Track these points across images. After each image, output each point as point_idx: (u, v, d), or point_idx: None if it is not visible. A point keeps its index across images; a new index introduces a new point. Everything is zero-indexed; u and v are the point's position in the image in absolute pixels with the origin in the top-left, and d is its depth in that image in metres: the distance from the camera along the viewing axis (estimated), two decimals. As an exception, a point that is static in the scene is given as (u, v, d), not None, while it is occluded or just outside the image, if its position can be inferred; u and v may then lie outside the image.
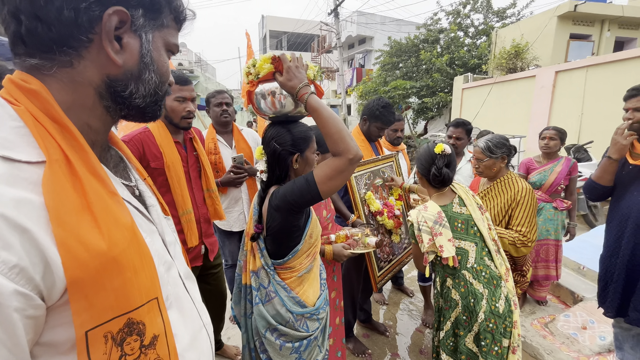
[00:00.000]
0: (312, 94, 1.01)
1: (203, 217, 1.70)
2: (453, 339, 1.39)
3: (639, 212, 1.55)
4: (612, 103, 5.00)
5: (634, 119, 1.49)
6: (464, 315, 1.35)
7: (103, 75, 0.45)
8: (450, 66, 10.29)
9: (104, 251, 0.37)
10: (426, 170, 1.48)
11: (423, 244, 1.38)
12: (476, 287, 1.35)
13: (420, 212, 1.43)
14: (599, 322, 2.40)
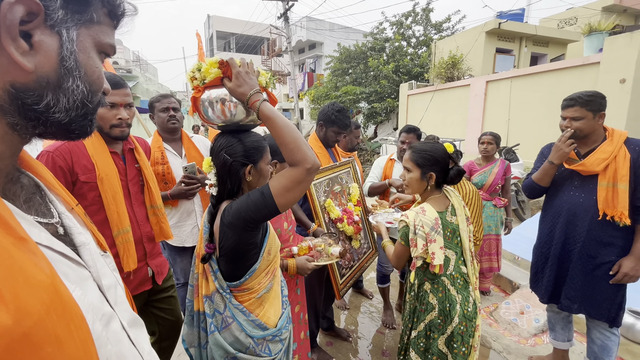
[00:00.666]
0: (264, 101, 0.95)
1: (146, 236, 1.52)
2: (424, 340, 1.42)
3: (569, 209, 1.75)
4: (532, 110, 5.70)
5: (571, 127, 1.66)
6: (439, 318, 1.39)
7: (5, 84, 0.35)
8: (396, 74, 10.89)
9: (8, 327, 0.27)
10: (443, 170, 1.45)
11: (416, 248, 1.36)
12: (452, 293, 1.40)
13: (418, 215, 1.38)
14: (534, 306, 2.67)
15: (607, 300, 1.67)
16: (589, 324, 1.82)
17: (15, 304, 0.28)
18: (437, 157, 1.44)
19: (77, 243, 0.44)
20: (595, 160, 1.61)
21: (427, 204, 1.43)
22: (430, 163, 1.44)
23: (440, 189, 1.49)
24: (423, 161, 1.45)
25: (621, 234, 1.62)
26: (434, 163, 1.44)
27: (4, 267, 0.28)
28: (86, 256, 0.44)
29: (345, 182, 2.12)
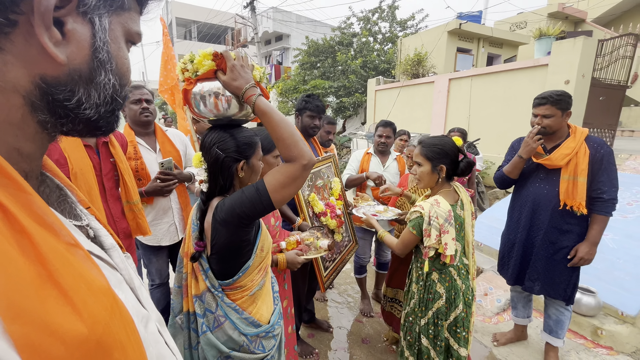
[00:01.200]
0: (260, 95, 0.94)
1: (123, 233, 1.43)
2: (433, 327, 1.50)
3: (534, 199, 1.92)
4: (490, 107, 6.12)
5: (542, 124, 1.81)
6: (445, 306, 1.47)
7: (35, 77, 0.31)
8: (363, 69, 11.07)
9: (85, 336, 0.25)
10: (453, 162, 1.50)
11: (430, 238, 1.41)
12: (458, 282, 1.49)
13: (433, 206, 1.43)
14: (496, 288, 2.91)
15: (564, 281, 1.88)
16: (547, 301, 2.03)
17: (87, 311, 0.26)
18: (447, 150, 1.50)
19: (106, 246, 0.42)
20: (560, 155, 1.78)
21: (440, 197, 1.47)
22: (440, 156, 1.49)
23: (450, 183, 1.54)
24: (433, 154, 1.50)
25: (578, 222, 1.82)
26: (444, 156, 1.49)
27: (70, 275, 0.27)
28: (116, 259, 0.41)
29: (327, 176, 2.15)
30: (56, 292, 0.25)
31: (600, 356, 2.16)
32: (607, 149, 1.74)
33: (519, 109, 5.60)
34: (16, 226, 0.25)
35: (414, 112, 8.03)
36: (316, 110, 2.06)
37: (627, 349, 2.18)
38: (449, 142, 1.52)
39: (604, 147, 1.75)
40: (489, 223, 3.82)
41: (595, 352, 2.20)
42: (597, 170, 1.73)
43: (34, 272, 0.24)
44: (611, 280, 2.58)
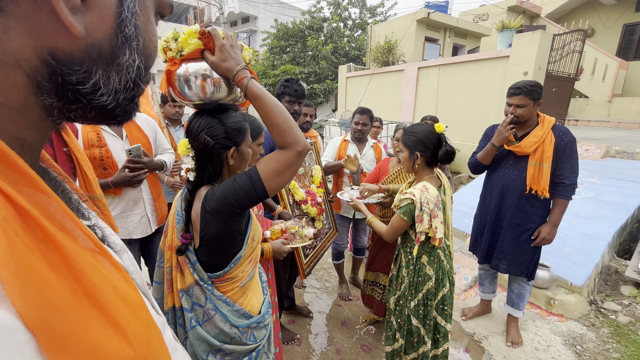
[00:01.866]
0: (252, 78, 0.89)
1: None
2: (423, 308, 1.56)
3: (503, 184, 2.05)
4: (456, 96, 6.38)
5: (515, 114, 1.90)
6: (434, 287, 1.54)
7: (43, 51, 0.25)
8: (334, 55, 10.98)
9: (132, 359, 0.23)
10: (432, 151, 1.51)
11: (422, 224, 1.45)
12: (444, 263, 1.56)
13: (423, 193, 1.46)
14: (463, 267, 3.12)
15: (527, 260, 2.05)
16: (510, 278, 2.22)
17: (131, 330, 0.23)
18: (421, 137, 1.52)
19: (115, 247, 0.37)
20: (529, 143, 1.90)
21: (427, 183, 1.51)
22: (414, 143, 1.53)
23: (432, 169, 1.57)
24: (409, 142, 1.55)
25: (541, 205, 1.98)
26: (418, 143, 1.52)
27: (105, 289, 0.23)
28: (127, 261, 0.37)
29: (308, 164, 2.13)
30: (96, 312, 0.22)
31: (553, 323, 2.41)
32: (570, 137, 1.89)
33: (482, 98, 5.90)
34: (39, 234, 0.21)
35: (385, 100, 8.16)
36: (295, 95, 2.01)
37: (574, 315, 2.46)
38: (424, 130, 1.54)
39: (568, 135, 1.89)
40: (455, 207, 4.03)
41: (548, 319, 2.46)
42: (561, 157, 1.88)
43: (69, 290, 0.21)
44: (562, 255, 2.86)
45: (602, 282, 2.86)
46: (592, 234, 3.05)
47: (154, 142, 1.93)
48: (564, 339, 2.25)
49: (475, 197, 4.11)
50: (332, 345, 2.23)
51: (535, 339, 2.26)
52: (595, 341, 2.23)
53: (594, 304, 2.58)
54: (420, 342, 1.59)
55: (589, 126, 7.84)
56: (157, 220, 1.93)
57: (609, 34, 9.95)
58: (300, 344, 2.22)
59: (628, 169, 4.08)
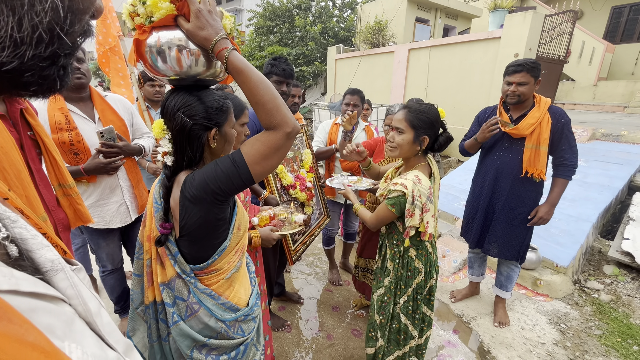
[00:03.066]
0: (233, 50, 0.79)
1: (61, 225, 1.21)
2: (412, 303, 1.48)
3: (497, 167, 2.01)
4: (447, 78, 6.31)
5: (517, 92, 1.84)
6: (423, 280, 1.46)
7: None
8: (323, 36, 10.65)
9: None
10: (434, 134, 1.37)
11: (413, 218, 1.33)
12: (432, 254, 1.48)
13: (416, 185, 1.32)
14: (452, 250, 3.14)
15: (518, 244, 2.05)
16: (500, 260, 2.23)
17: None
18: (433, 120, 1.35)
19: (43, 265, 0.28)
20: (526, 125, 1.85)
21: (420, 173, 1.36)
22: (426, 126, 1.34)
23: (425, 157, 1.44)
24: (419, 123, 1.34)
25: (535, 188, 1.96)
26: (429, 126, 1.35)
27: None
28: (61, 283, 0.28)
29: (298, 147, 2.04)
30: None
31: (539, 302, 2.47)
32: (566, 118, 1.85)
33: (473, 80, 5.85)
34: None
35: (375, 82, 8.02)
36: (283, 75, 1.89)
37: (559, 294, 2.52)
38: (436, 112, 1.38)
39: (564, 116, 1.85)
40: (445, 190, 4.05)
41: (534, 299, 2.51)
42: (559, 139, 1.84)
43: None
44: (548, 237, 2.91)
45: (586, 262, 2.94)
46: (577, 216, 3.11)
47: (131, 125, 1.80)
48: (549, 318, 2.31)
49: (465, 180, 4.14)
50: (323, 330, 2.22)
51: (522, 318, 2.31)
52: (579, 319, 2.29)
53: (578, 284, 2.65)
54: (407, 339, 1.52)
55: (575, 109, 7.94)
56: (138, 209, 1.83)
57: (597, 16, 9.95)
58: (290, 330, 2.21)
59: (613, 152, 4.15)
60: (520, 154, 1.91)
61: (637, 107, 6.94)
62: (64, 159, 1.56)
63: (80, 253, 2.34)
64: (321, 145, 2.54)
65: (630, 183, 3.70)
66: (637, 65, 8.99)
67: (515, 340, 2.12)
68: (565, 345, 2.07)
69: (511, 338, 2.14)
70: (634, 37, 9.17)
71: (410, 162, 1.44)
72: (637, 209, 3.15)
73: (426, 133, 1.35)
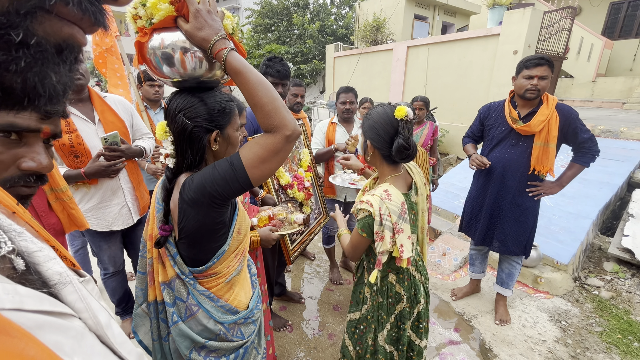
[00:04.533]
0: (232, 50, 0.78)
1: (52, 230, 1.19)
2: (396, 330, 1.32)
3: (504, 165, 2.01)
4: (446, 76, 6.30)
5: (538, 86, 1.81)
6: (407, 307, 1.28)
7: None
8: (321, 34, 10.63)
9: None
10: (385, 142, 1.15)
11: (384, 242, 1.12)
12: (416, 277, 1.30)
13: (383, 201, 1.12)
14: (453, 248, 3.15)
15: (525, 239, 2.05)
16: (501, 257, 2.23)
17: None
18: (373, 122, 1.17)
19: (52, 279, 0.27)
20: (537, 122, 1.84)
21: (391, 186, 1.17)
22: (367, 129, 1.19)
23: (396, 166, 1.23)
24: (364, 126, 1.21)
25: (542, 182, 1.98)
26: (370, 129, 1.18)
27: None
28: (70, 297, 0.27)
29: (296, 147, 2.04)
30: None
31: (539, 300, 2.48)
32: (574, 113, 1.85)
33: (472, 77, 5.84)
34: None
35: (373, 80, 8.01)
36: (278, 76, 1.87)
37: (560, 292, 2.53)
38: (381, 114, 1.17)
39: (572, 111, 1.85)
40: (445, 188, 4.05)
41: (535, 297, 2.52)
42: (573, 132, 1.83)
43: None
44: (548, 235, 2.92)
45: (586, 259, 2.95)
46: (577, 213, 3.12)
47: (131, 127, 1.79)
48: (550, 315, 2.31)
49: (465, 178, 4.14)
50: (325, 330, 2.23)
51: (523, 316, 2.32)
52: (580, 316, 2.30)
53: (578, 281, 2.66)
54: None
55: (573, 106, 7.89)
56: (139, 210, 1.82)
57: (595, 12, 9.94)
58: (292, 330, 2.21)
59: (612, 148, 4.16)
60: (527, 151, 1.91)
61: (636, 103, 6.95)
62: (65, 162, 1.55)
63: (80, 255, 2.33)
64: (320, 146, 2.53)
65: (630, 180, 3.71)
66: (635, 61, 8.99)
67: (516, 338, 2.13)
68: (566, 343, 2.08)
69: (512, 336, 2.15)
70: (632, 33, 9.17)
71: (380, 172, 1.26)
72: (636, 205, 3.16)
73: (368, 137, 1.19)
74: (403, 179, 1.24)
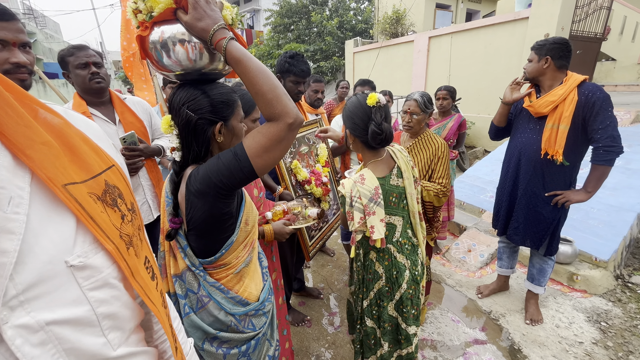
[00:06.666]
0: (232, 39, 0.77)
1: None
2: (376, 308, 1.38)
3: (521, 149, 1.90)
4: (471, 65, 6.02)
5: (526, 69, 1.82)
6: (386, 286, 1.34)
7: None
8: (340, 30, 10.55)
9: None
10: (362, 129, 1.24)
11: (353, 222, 1.23)
12: (399, 260, 1.33)
13: (356, 184, 1.22)
14: (479, 244, 3.01)
15: (542, 231, 1.91)
16: (532, 251, 2.10)
17: None
18: (350, 112, 1.27)
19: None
20: (544, 102, 1.73)
21: (367, 170, 1.26)
22: (345, 119, 1.29)
23: (377, 151, 1.30)
24: (343, 118, 1.31)
25: (559, 172, 1.81)
26: (347, 119, 1.28)
27: None
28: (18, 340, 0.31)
29: (313, 142, 2.02)
30: None
31: (576, 299, 2.30)
32: (600, 95, 1.66)
33: (499, 65, 5.55)
34: None
35: (394, 73, 7.83)
36: (302, 75, 1.86)
37: (599, 290, 2.34)
38: (354, 103, 1.26)
39: (597, 92, 1.67)
40: (470, 182, 3.88)
41: (570, 296, 2.34)
42: (589, 117, 1.67)
43: None
44: (586, 229, 2.70)
45: (630, 255, 2.70)
46: (619, 205, 2.86)
47: (150, 126, 1.86)
48: (588, 316, 2.14)
49: (492, 171, 3.94)
50: (344, 325, 2.20)
51: (557, 315, 2.17)
52: (622, 317, 2.11)
53: (621, 279, 2.44)
54: (377, 345, 1.41)
55: (616, 91, 7.29)
56: (159, 207, 1.89)
57: (640, -12, 9.07)
58: (310, 325, 2.20)
59: (660, 135, 3.78)
60: (540, 134, 1.80)
61: (690, 85, 6.27)
62: None
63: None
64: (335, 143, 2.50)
65: (682, 168, 3.35)
66: (689, 39, 8.11)
67: (549, 339, 1.99)
68: (606, 345, 1.91)
69: (544, 336, 2.01)
70: (684, 8, 8.27)
71: (364, 157, 1.34)
72: (690, 196, 2.85)
73: (347, 127, 1.30)
74: (385, 163, 1.31)
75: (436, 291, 2.56)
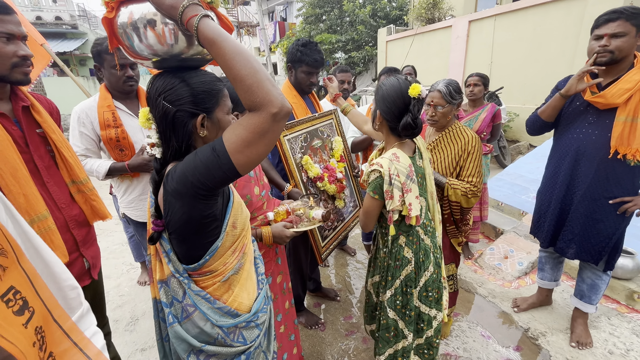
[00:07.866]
0: (205, 17, 0.67)
1: (74, 221, 1.23)
2: (401, 297, 1.34)
3: (578, 148, 1.61)
4: (517, 51, 5.45)
5: (609, 47, 1.42)
6: (414, 272, 1.32)
7: None
8: (373, 18, 10.14)
9: None
10: (395, 117, 1.22)
11: (393, 200, 1.21)
12: (426, 242, 1.33)
13: (392, 162, 1.21)
14: (517, 250, 2.70)
15: (601, 243, 1.62)
16: (582, 264, 1.80)
17: None
18: (384, 94, 1.23)
19: None
20: (618, 90, 1.42)
21: (398, 150, 1.26)
22: (378, 98, 1.27)
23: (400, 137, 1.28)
24: (377, 96, 1.28)
25: (628, 174, 1.51)
26: (381, 99, 1.25)
27: None
28: None
29: (327, 135, 1.88)
30: None
31: (635, 322, 1.96)
32: None
33: (550, 50, 4.95)
34: None
35: (429, 62, 7.36)
36: (315, 65, 1.73)
37: (667, 313, 1.97)
38: (394, 86, 1.22)
39: None
40: (511, 180, 3.51)
41: (629, 317, 2.00)
42: None
43: None
44: (652, 239, 2.30)
45: None
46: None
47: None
48: (651, 343, 1.81)
49: (537, 169, 3.52)
50: (359, 332, 2.07)
51: (610, 339, 1.86)
52: (697, 348, 1.75)
53: (697, 301, 2.04)
54: (398, 337, 1.36)
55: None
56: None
57: None
58: (324, 329, 2.10)
59: None
60: (609, 129, 1.48)
61: None
62: (111, 155, 1.65)
63: (134, 241, 2.53)
64: (357, 135, 2.34)
65: None
66: None
67: (599, 367, 1.70)
68: (674, 381, 1.60)
69: (594, 363, 1.73)
70: None
71: (386, 141, 1.35)
72: None
73: (379, 107, 1.27)
74: (408, 145, 1.33)
75: (465, 301, 2.32)
